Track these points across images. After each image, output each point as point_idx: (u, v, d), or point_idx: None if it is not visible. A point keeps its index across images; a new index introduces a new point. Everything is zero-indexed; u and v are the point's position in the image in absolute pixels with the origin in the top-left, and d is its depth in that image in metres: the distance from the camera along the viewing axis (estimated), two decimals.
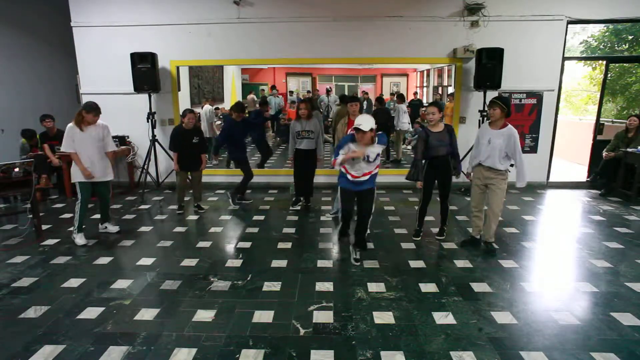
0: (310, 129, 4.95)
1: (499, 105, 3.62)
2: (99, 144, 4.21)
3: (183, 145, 4.94)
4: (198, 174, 5.19)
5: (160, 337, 2.57)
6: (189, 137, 4.94)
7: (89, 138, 4.13)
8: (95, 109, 4.11)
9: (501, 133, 3.64)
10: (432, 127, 3.94)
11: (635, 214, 5.07)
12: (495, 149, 3.63)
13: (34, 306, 2.94)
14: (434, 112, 3.89)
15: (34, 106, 6.89)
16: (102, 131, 4.23)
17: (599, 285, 3.24)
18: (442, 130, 3.92)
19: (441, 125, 3.95)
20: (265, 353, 2.41)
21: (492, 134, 3.68)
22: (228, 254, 3.95)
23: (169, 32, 6.17)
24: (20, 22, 7.13)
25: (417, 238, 4.23)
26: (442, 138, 3.89)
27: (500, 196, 3.73)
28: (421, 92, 14.47)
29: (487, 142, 3.69)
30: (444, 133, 3.91)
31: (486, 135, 3.73)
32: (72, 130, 4.09)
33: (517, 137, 3.60)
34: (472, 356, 2.37)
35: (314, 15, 6.05)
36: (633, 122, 5.85)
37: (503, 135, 3.62)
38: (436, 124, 3.93)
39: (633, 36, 12.29)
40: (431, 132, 3.92)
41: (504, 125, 3.66)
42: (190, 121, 4.91)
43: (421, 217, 4.23)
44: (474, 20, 5.99)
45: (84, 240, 4.16)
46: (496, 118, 3.66)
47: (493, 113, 3.65)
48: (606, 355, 2.38)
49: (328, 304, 2.96)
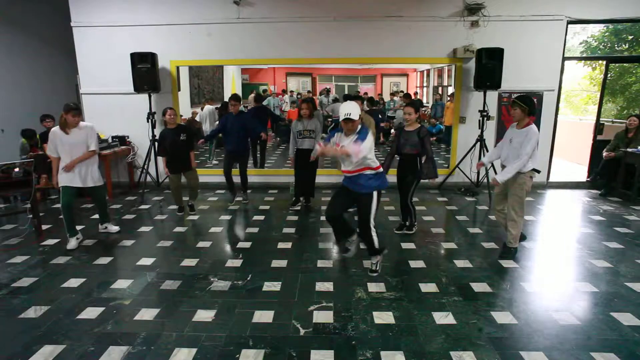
0: (311, 128, 4.96)
1: (518, 105, 3.53)
2: (85, 146, 4.00)
3: (171, 146, 4.81)
4: (193, 173, 5.07)
5: (160, 337, 2.56)
6: (175, 136, 4.82)
7: (74, 142, 3.93)
8: (74, 109, 3.88)
9: (521, 132, 3.54)
10: (407, 126, 4.10)
11: (635, 214, 5.07)
12: (513, 149, 3.56)
13: (34, 306, 2.94)
14: (410, 112, 4.02)
15: (34, 106, 6.88)
16: (86, 133, 4.01)
17: (599, 285, 3.24)
18: (412, 130, 4.04)
19: (415, 126, 4.06)
20: (265, 353, 2.41)
21: (514, 134, 3.61)
22: (228, 254, 3.95)
23: (169, 32, 6.17)
24: (20, 22, 7.13)
25: (399, 231, 4.42)
26: (409, 138, 4.03)
27: (514, 200, 3.62)
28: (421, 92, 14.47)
29: (509, 141, 3.64)
30: (413, 133, 4.02)
31: (510, 134, 3.67)
32: (55, 134, 3.90)
33: (532, 136, 3.44)
34: (472, 356, 2.37)
35: (314, 15, 6.05)
36: (633, 122, 5.85)
37: (522, 134, 3.52)
38: (411, 123, 4.06)
39: (633, 36, 12.30)
40: (404, 130, 4.11)
41: (526, 125, 3.55)
42: (172, 117, 4.81)
43: (401, 211, 4.40)
44: (474, 20, 5.99)
45: (74, 244, 4.02)
46: (517, 118, 3.57)
47: (514, 113, 3.58)
48: (606, 355, 2.38)
49: (328, 304, 2.96)
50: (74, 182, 4.00)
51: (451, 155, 6.54)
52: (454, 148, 6.49)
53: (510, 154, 3.59)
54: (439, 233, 4.46)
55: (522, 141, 3.48)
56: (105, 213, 4.47)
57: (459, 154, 6.36)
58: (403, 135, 4.09)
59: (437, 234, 4.43)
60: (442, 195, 6.02)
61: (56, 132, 3.92)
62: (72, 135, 3.94)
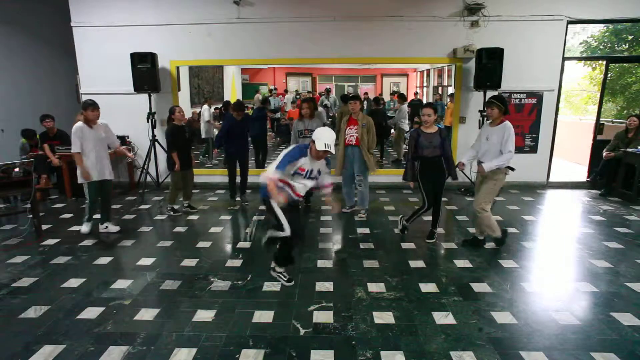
0: (313, 128, 4.95)
1: (496, 105, 3.71)
2: (106, 142, 4.37)
3: (181, 143, 4.90)
4: (192, 172, 5.20)
5: (160, 337, 2.56)
6: (183, 134, 4.95)
7: (97, 136, 4.24)
8: (91, 104, 4.16)
9: (497, 129, 3.71)
10: (425, 128, 3.98)
11: (635, 214, 5.07)
12: (492, 145, 3.72)
13: (34, 306, 2.94)
14: (429, 114, 3.93)
15: (34, 106, 6.88)
16: (104, 130, 4.33)
17: (599, 285, 3.24)
18: (434, 132, 3.96)
19: (435, 127, 4.00)
20: (265, 353, 2.41)
21: (490, 131, 3.79)
22: (228, 254, 3.95)
23: (168, 32, 6.17)
24: (20, 22, 7.13)
25: (430, 240, 4.19)
26: (432, 140, 3.93)
27: (483, 191, 3.81)
28: (421, 92, 14.46)
29: (486, 139, 3.80)
30: (435, 135, 3.94)
31: (485, 132, 3.85)
32: (81, 130, 4.15)
33: (511, 131, 3.65)
34: (472, 356, 2.37)
35: (314, 15, 6.05)
36: (633, 122, 5.85)
37: (499, 131, 3.70)
38: (430, 125, 3.97)
39: (633, 36, 12.30)
40: (423, 132, 3.97)
41: (501, 122, 3.73)
42: (181, 114, 4.92)
43: (414, 214, 4.23)
44: (474, 20, 5.99)
45: (88, 229, 4.38)
46: (495, 117, 3.75)
47: (492, 113, 3.75)
48: (606, 355, 2.38)
49: (328, 304, 2.96)
50: (105, 176, 4.36)
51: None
52: (454, 148, 6.48)
53: (489, 150, 3.75)
54: (439, 233, 4.45)
55: (502, 138, 3.64)
56: (109, 211, 4.53)
57: (459, 154, 6.36)
58: (424, 137, 3.93)
59: (437, 234, 4.43)
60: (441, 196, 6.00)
61: (82, 128, 4.16)
62: (95, 130, 4.23)
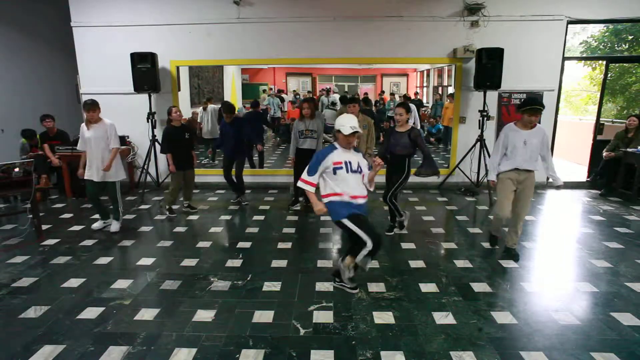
0: (313, 128, 4.97)
1: (540, 111, 3.48)
2: (104, 143, 4.31)
3: (176, 144, 4.87)
4: (192, 173, 5.17)
5: (160, 337, 2.56)
6: (180, 135, 4.90)
7: (93, 137, 4.26)
8: (86, 105, 4.18)
9: (535, 133, 3.54)
10: (398, 127, 4.09)
11: (635, 214, 5.07)
12: (535, 149, 3.54)
13: (34, 306, 2.94)
14: (401, 113, 4.02)
15: (34, 106, 6.88)
16: (105, 130, 4.31)
17: (599, 285, 3.24)
18: (404, 131, 4.03)
19: (407, 127, 4.06)
20: (265, 353, 2.41)
21: (527, 135, 3.55)
22: (228, 254, 3.95)
23: (168, 32, 6.17)
24: (20, 22, 7.12)
25: (389, 233, 4.38)
26: (401, 139, 4.02)
27: (530, 197, 3.71)
28: (421, 92, 14.46)
29: (523, 143, 3.55)
30: (404, 135, 4.02)
31: (519, 137, 3.56)
32: (81, 129, 4.34)
33: (549, 135, 3.63)
34: (472, 356, 2.37)
35: (314, 15, 6.05)
36: (633, 122, 5.85)
37: (537, 134, 3.55)
38: (402, 124, 4.05)
39: (633, 36, 12.29)
40: (394, 131, 4.09)
41: (534, 126, 3.55)
42: (178, 115, 4.89)
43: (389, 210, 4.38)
44: (474, 20, 5.99)
45: (99, 225, 4.57)
46: (535, 123, 3.54)
47: (536, 119, 3.51)
48: (606, 355, 2.38)
49: (328, 304, 2.96)
50: (93, 177, 4.35)
51: (451, 156, 6.54)
52: (454, 148, 6.49)
53: (532, 155, 3.56)
54: (439, 233, 4.46)
55: (542, 140, 3.55)
56: (117, 209, 4.54)
57: (459, 154, 6.36)
58: (394, 135, 4.08)
59: (437, 234, 4.43)
60: (442, 195, 6.02)
61: (81, 127, 4.35)
62: (92, 130, 4.28)
